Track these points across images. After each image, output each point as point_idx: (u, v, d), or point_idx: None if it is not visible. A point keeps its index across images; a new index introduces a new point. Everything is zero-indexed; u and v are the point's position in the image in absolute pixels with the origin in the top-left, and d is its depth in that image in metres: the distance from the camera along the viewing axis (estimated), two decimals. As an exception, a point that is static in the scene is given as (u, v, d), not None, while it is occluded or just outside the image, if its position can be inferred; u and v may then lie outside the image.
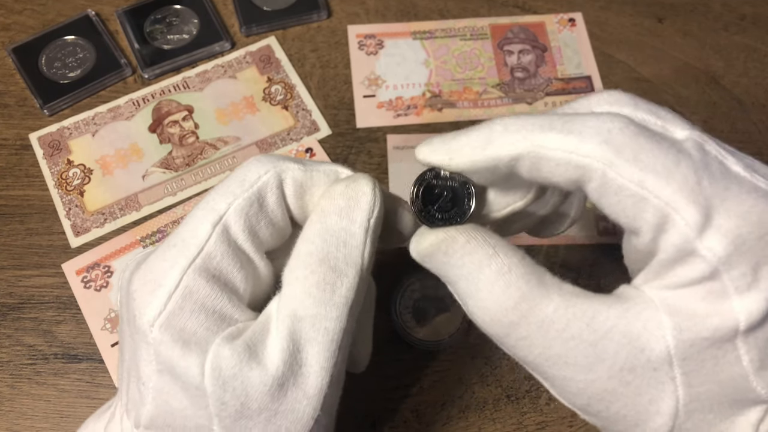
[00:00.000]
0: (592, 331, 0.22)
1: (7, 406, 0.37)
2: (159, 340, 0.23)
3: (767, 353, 0.21)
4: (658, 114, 0.23)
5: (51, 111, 0.46)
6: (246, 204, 0.24)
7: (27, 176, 0.44)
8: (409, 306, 0.39)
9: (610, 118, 0.22)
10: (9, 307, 0.40)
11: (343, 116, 0.46)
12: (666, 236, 0.21)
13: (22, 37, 0.49)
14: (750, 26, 0.50)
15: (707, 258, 0.20)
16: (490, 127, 0.23)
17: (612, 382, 0.22)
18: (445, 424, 0.37)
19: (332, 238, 0.24)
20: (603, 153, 0.21)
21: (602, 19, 0.50)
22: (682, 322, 0.21)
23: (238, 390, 0.22)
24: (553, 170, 0.22)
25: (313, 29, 0.50)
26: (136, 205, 0.43)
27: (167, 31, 0.49)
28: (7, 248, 0.42)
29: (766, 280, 0.21)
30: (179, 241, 0.24)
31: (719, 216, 0.20)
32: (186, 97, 0.47)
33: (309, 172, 0.25)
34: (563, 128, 0.22)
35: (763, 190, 0.21)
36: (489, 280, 0.23)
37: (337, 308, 0.23)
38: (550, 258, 0.41)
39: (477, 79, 0.48)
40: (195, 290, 0.23)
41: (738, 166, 0.22)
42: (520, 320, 0.23)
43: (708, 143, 0.22)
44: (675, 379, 0.22)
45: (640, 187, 0.21)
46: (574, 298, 0.22)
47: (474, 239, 0.24)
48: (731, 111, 0.47)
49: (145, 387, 0.24)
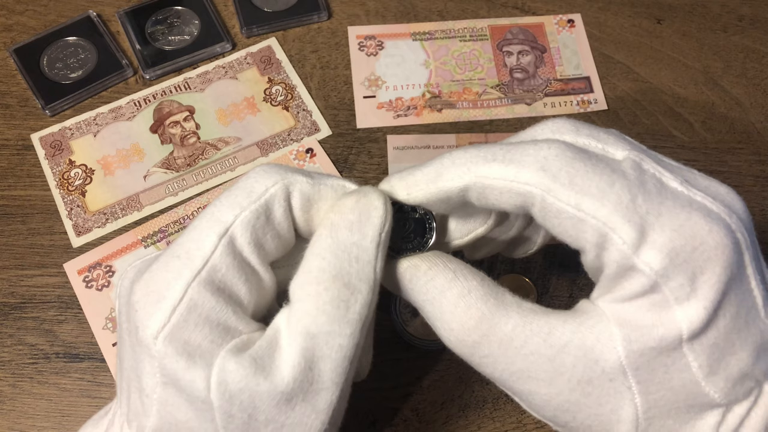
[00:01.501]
0: (549, 346, 0.23)
1: (8, 405, 0.37)
2: (163, 353, 0.22)
3: (716, 359, 0.22)
4: (599, 137, 0.24)
5: (53, 111, 0.46)
6: (253, 216, 0.24)
7: (29, 176, 0.44)
8: (409, 306, 0.39)
9: (547, 145, 0.23)
10: (11, 306, 0.40)
11: (343, 117, 0.46)
12: (607, 253, 0.22)
13: (23, 38, 0.49)
14: (748, 27, 0.51)
15: (646, 272, 0.22)
16: (440, 162, 0.25)
17: (574, 394, 0.23)
18: (444, 422, 0.37)
19: (344, 253, 0.24)
20: (540, 179, 0.22)
21: (601, 20, 0.51)
22: (631, 333, 0.22)
23: (246, 403, 0.22)
24: (498, 198, 0.24)
25: (314, 30, 0.50)
26: (137, 205, 0.43)
27: (168, 32, 0.49)
28: (9, 248, 0.42)
29: (703, 290, 0.22)
30: (183, 253, 0.24)
31: (654, 232, 0.22)
32: (187, 98, 0.47)
33: (317, 186, 0.25)
34: (504, 158, 0.23)
35: (698, 203, 0.22)
36: (451, 303, 0.24)
37: (350, 325, 0.23)
38: (549, 258, 0.41)
39: (476, 79, 0.48)
40: (200, 303, 0.23)
41: (675, 182, 0.23)
42: (481, 339, 0.24)
43: (645, 161, 0.23)
44: (631, 388, 0.23)
45: (576, 210, 0.22)
46: (531, 315, 0.24)
47: (435, 266, 0.25)
48: (729, 111, 0.47)
49: (149, 399, 0.23)
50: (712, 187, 0.24)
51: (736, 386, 0.23)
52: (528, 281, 0.40)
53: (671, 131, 0.46)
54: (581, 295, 0.40)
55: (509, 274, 0.40)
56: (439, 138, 0.45)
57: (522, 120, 0.46)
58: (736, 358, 0.22)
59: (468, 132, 0.46)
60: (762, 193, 0.44)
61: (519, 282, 0.40)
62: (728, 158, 0.45)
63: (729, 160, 0.45)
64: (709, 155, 0.45)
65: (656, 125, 0.46)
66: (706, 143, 0.46)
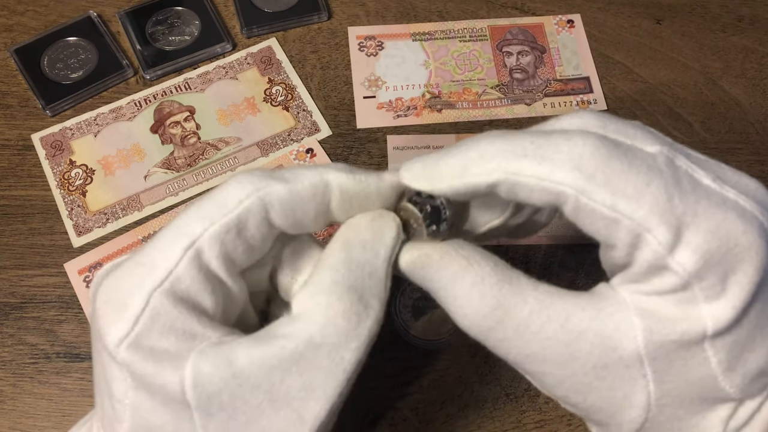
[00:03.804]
0: (567, 332, 0.23)
1: (9, 405, 0.38)
2: (128, 360, 0.22)
3: (735, 356, 0.22)
4: (627, 133, 0.24)
5: (53, 112, 0.46)
6: (222, 230, 0.23)
7: (29, 176, 0.44)
8: (409, 305, 0.39)
9: (582, 141, 0.22)
10: (11, 306, 0.40)
11: (343, 117, 0.47)
12: (639, 253, 0.22)
13: (24, 38, 0.49)
14: (748, 27, 0.51)
15: (679, 273, 0.21)
16: (466, 154, 0.24)
17: (587, 377, 0.23)
18: (444, 422, 0.37)
19: (358, 269, 0.24)
20: (575, 180, 0.22)
21: (600, 20, 0.51)
22: (653, 324, 0.22)
23: (226, 402, 0.22)
24: (529, 195, 0.23)
25: (314, 31, 0.50)
26: (138, 205, 0.43)
27: (169, 32, 0.49)
28: (10, 248, 0.42)
29: (733, 290, 0.21)
30: (148, 261, 0.23)
31: (689, 232, 0.21)
32: (187, 98, 0.47)
33: (296, 189, 0.24)
34: (536, 154, 0.22)
35: (732, 202, 0.22)
36: (465, 290, 0.24)
37: (357, 339, 0.23)
38: (549, 258, 0.41)
39: (476, 80, 0.48)
40: (162, 312, 0.22)
41: (707, 179, 0.23)
42: (497, 325, 0.24)
43: (678, 158, 0.23)
44: (646, 376, 0.23)
45: (612, 211, 0.22)
46: (548, 299, 0.23)
47: (447, 254, 0.25)
48: (729, 112, 0.47)
49: (120, 404, 0.23)
50: (742, 182, 0.23)
51: (753, 383, 0.23)
52: (528, 281, 0.40)
53: (671, 131, 0.46)
54: (581, 295, 0.40)
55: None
56: (439, 138, 0.46)
57: (522, 120, 0.46)
58: (755, 355, 0.22)
59: (468, 132, 0.46)
60: (761, 193, 0.44)
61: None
62: (728, 158, 0.45)
63: (728, 161, 0.44)
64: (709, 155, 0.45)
65: (656, 125, 0.46)
66: (706, 143, 0.46)
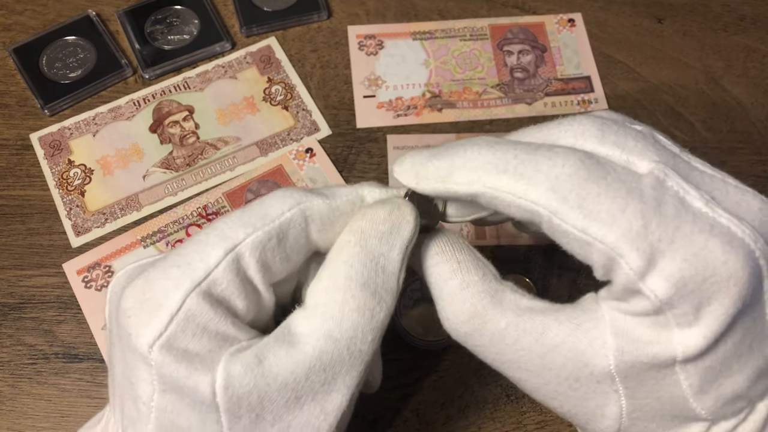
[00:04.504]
0: (541, 345, 0.24)
1: (8, 406, 0.37)
2: (161, 361, 0.22)
3: (708, 381, 0.22)
4: (625, 145, 0.23)
5: (52, 111, 0.46)
6: (265, 237, 0.24)
7: (28, 176, 0.44)
8: (409, 306, 0.39)
9: (563, 161, 0.22)
10: (10, 306, 0.40)
11: (343, 116, 0.46)
12: (614, 275, 0.22)
13: (22, 38, 0.49)
14: (749, 26, 0.50)
15: (650, 298, 0.21)
16: (452, 159, 0.24)
17: (561, 386, 0.24)
18: (444, 423, 0.37)
19: (372, 263, 0.24)
20: (548, 201, 0.22)
21: (602, 19, 0.51)
22: (625, 345, 0.22)
23: (254, 403, 0.22)
24: (507, 209, 0.23)
25: (314, 30, 0.50)
26: (136, 205, 0.43)
27: (168, 31, 0.49)
28: (8, 248, 0.42)
29: (706, 320, 0.21)
30: (185, 263, 0.23)
31: (663, 259, 0.21)
32: (186, 98, 0.47)
33: (334, 205, 0.25)
34: (515, 171, 0.23)
35: (720, 227, 0.21)
36: (449, 293, 0.25)
37: (372, 332, 0.24)
38: (549, 258, 0.41)
39: (477, 79, 0.48)
40: (198, 313, 0.23)
41: (699, 202, 0.22)
42: (473, 332, 0.25)
43: (670, 177, 0.22)
44: (618, 391, 0.23)
45: (583, 234, 0.22)
46: (527, 314, 0.24)
47: (443, 252, 0.26)
48: (730, 111, 0.47)
49: (146, 406, 0.23)
50: (744, 201, 0.23)
51: (726, 406, 0.23)
52: (528, 281, 0.40)
53: (672, 131, 0.46)
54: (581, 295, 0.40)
55: (509, 275, 0.40)
56: (439, 138, 0.45)
57: (522, 120, 0.46)
58: (731, 381, 0.22)
59: (468, 132, 0.46)
60: (763, 193, 0.44)
61: (519, 282, 0.40)
62: (729, 158, 0.45)
63: (730, 160, 0.45)
64: (710, 155, 0.45)
65: (657, 125, 0.46)
66: (707, 143, 0.46)
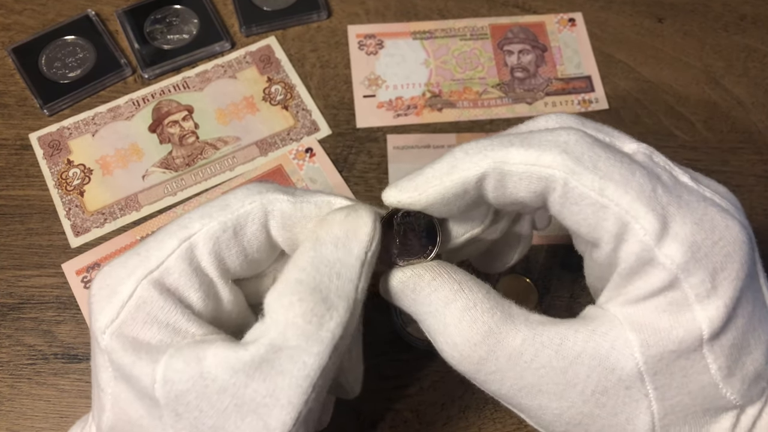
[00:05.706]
0: (561, 357, 0.22)
1: (7, 406, 0.37)
2: (111, 348, 0.22)
3: (734, 359, 0.22)
4: (605, 131, 0.24)
5: (51, 111, 0.46)
6: (219, 228, 0.24)
7: (27, 176, 0.44)
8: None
9: (565, 132, 0.23)
10: (9, 307, 0.40)
11: (343, 116, 0.46)
12: (626, 246, 0.22)
13: (22, 37, 0.49)
14: (750, 26, 0.50)
15: (666, 265, 0.21)
16: (452, 156, 0.24)
17: (587, 405, 0.22)
18: (445, 423, 0.37)
19: (326, 268, 0.23)
20: (563, 162, 0.22)
21: (602, 19, 0.50)
22: (648, 337, 0.22)
23: (192, 404, 0.22)
24: (517, 184, 0.23)
25: (313, 29, 0.50)
26: (136, 205, 0.43)
27: (167, 31, 0.49)
28: (7, 248, 0.42)
29: (723, 286, 0.21)
30: (144, 251, 0.24)
31: (675, 223, 0.21)
32: (186, 97, 0.47)
33: (299, 204, 0.24)
34: (522, 143, 0.23)
35: (710, 200, 0.22)
36: (455, 316, 0.23)
37: (320, 343, 0.22)
38: (550, 258, 0.41)
39: (477, 79, 0.48)
40: (148, 301, 0.23)
41: (685, 177, 0.23)
42: (488, 355, 0.23)
43: (656, 155, 0.23)
44: (648, 395, 0.22)
45: (600, 195, 0.21)
46: (540, 327, 0.23)
47: (440, 276, 0.24)
48: (731, 111, 0.47)
49: (104, 393, 0.23)
50: (713, 186, 0.24)
51: (752, 387, 0.22)
52: (529, 281, 0.40)
53: (672, 131, 0.46)
54: (582, 295, 0.40)
55: (510, 275, 0.40)
56: (440, 137, 0.45)
57: (523, 119, 0.46)
58: (752, 358, 0.22)
59: (468, 131, 0.46)
60: (764, 193, 0.44)
61: (520, 282, 0.40)
62: (730, 158, 0.45)
63: (731, 160, 0.45)
64: (711, 155, 0.45)
65: (657, 125, 0.46)
66: (708, 143, 0.45)
